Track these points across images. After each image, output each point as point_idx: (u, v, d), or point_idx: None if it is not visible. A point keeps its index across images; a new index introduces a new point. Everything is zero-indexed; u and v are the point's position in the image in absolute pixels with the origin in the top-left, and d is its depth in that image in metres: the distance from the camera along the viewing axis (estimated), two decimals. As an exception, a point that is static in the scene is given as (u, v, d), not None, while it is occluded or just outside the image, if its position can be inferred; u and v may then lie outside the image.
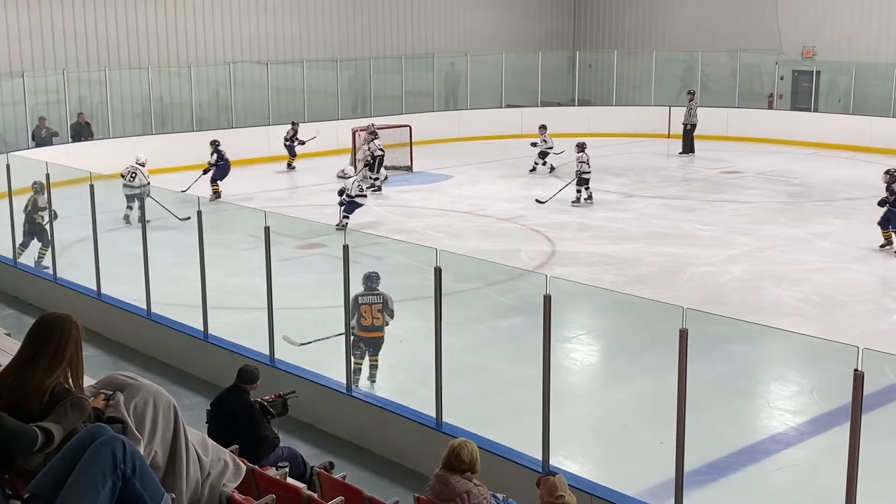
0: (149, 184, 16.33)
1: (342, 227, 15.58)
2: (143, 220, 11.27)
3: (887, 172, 15.25)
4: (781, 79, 28.57)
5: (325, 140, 24.85)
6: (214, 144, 19.39)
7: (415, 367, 10.04)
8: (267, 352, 9.42)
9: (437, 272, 7.65)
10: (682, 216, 17.72)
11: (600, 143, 24.73)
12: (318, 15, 27.53)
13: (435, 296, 7.73)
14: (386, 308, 9.59)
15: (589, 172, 18.62)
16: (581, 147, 18.86)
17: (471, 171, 22.58)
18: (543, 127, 22.41)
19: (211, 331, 10.23)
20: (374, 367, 9.64)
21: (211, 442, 4.42)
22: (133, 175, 16.97)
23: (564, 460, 7.72)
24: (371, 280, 9.59)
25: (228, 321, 11.10)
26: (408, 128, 23.21)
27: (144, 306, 11.03)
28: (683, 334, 6.12)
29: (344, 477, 6.16)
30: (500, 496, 5.87)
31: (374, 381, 9.56)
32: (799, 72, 28.41)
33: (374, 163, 20.39)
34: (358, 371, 9.36)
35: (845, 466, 5.44)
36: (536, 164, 22.27)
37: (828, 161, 24.01)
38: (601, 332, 12.16)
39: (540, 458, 7.17)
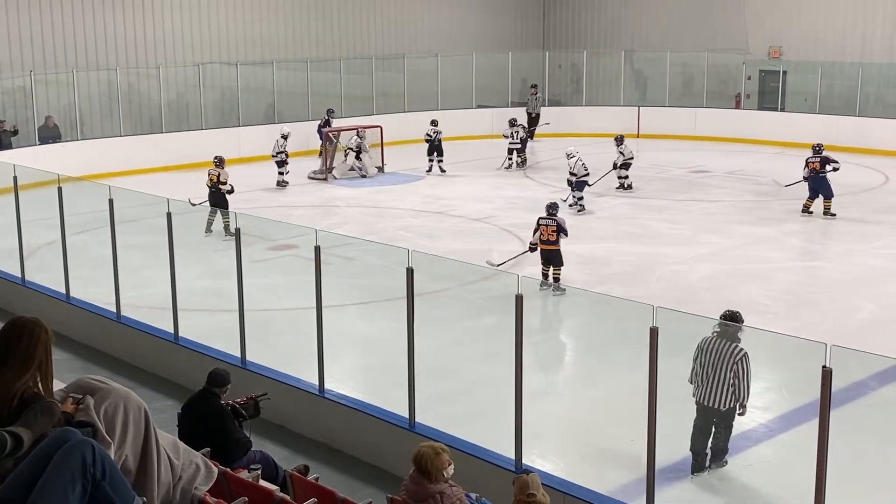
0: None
1: (580, 208, 16.47)
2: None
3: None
4: (749, 79, 28.82)
5: (296, 141, 24.78)
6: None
7: (387, 367, 10.04)
8: (238, 354, 9.38)
9: (410, 273, 7.65)
10: (653, 215, 17.82)
11: (570, 143, 24.81)
12: (288, 15, 27.44)
13: (407, 296, 7.73)
14: (560, 229, 12.74)
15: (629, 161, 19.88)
16: (620, 140, 20.08)
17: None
18: (513, 121, 22.72)
19: (182, 333, 10.17)
20: (556, 278, 12.63)
21: (182, 445, 4.39)
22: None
23: (537, 459, 7.75)
24: (551, 208, 13.09)
25: (199, 323, 11.04)
26: (379, 128, 23.18)
27: (114, 309, 10.95)
28: (654, 332, 6.17)
29: (317, 478, 6.15)
30: (473, 496, 5.88)
31: (558, 293, 12.51)
32: (766, 72, 28.67)
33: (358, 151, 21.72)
34: (545, 276, 12.60)
35: (814, 462, 5.49)
36: (510, 160, 22.55)
37: (795, 160, 24.17)
38: (573, 331, 12.21)
39: (513, 457, 7.19)
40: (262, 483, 5.84)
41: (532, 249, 13.09)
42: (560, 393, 10.28)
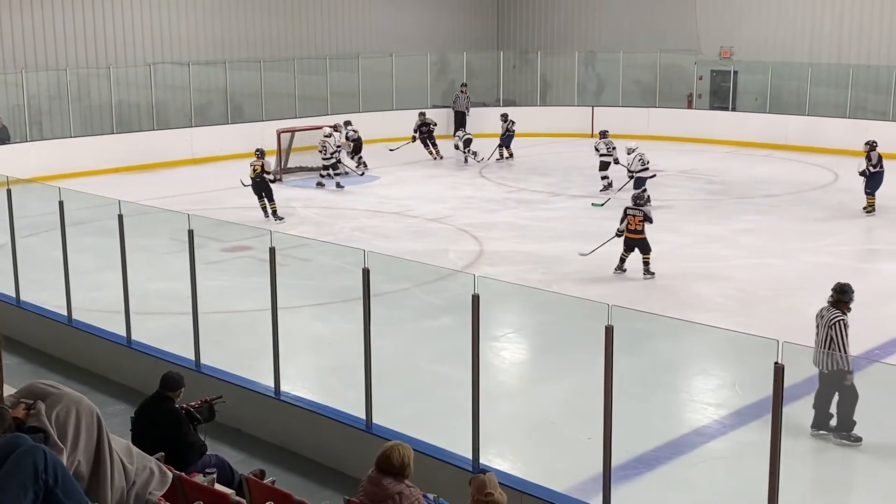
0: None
1: (646, 200, 15.88)
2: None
3: (867, 143, 17.62)
4: (700, 79, 29.14)
5: (250, 141, 24.62)
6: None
7: (344, 369, 10.01)
8: (192, 357, 9.29)
9: (366, 273, 7.63)
10: (607, 214, 17.92)
11: (525, 143, 24.95)
12: (241, 15, 27.21)
13: (363, 297, 7.71)
14: (646, 218, 13.57)
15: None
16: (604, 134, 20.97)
17: (398, 172, 22.56)
18: (504, 115, 23.81)
19: (134, 337, 10.06)
20: (646, 263, 13.51)
21: (136, 450, 4.34)
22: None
23: (495, 458, 7.77)
24: (637, 199, 13.99)
25: (152, 326, 10.93)
26: (336, 126, 23.06)
27: (65, 313, 10.79)
28: (609, 331, 6.21)
29: (273, 482, 6.11)
30: (431, 496, 5.88)
31: (649, 276, 13.48)
32: (717, 72, 29.00)
33: (352, 147, 21.92)
34: (622, 262, 13.63)
35: (768, 457, 5.56)
36: (466, 157, 22.80)
37: (746, 159, 24.57)
38: (529, 330, 12.26)
39: (470, 457, 7.20)
40: (218, 487, 5.80)
41: (619, 235, 13.95)
42: (517, 392, 10.32)
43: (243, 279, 13.65)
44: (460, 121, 26.86)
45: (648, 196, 16.83)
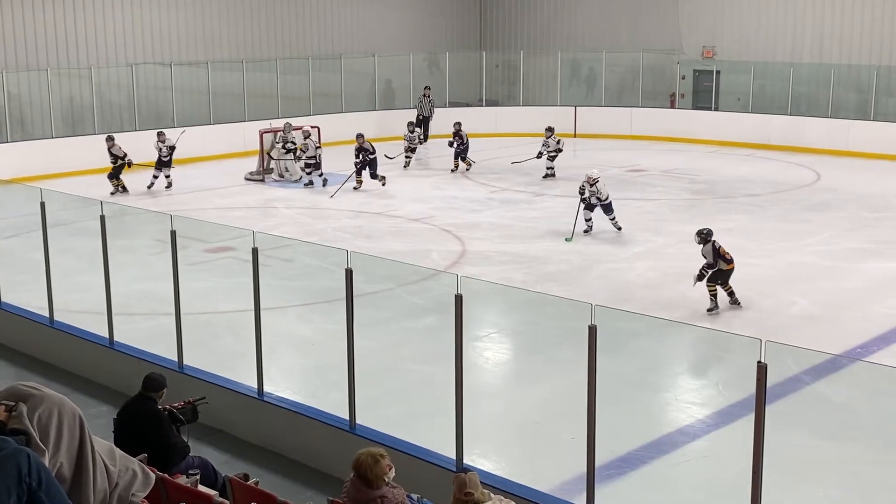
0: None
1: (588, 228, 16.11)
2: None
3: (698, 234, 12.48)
4: (683, 78, 29.26)
5: (232, 142, 24.57)
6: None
7: (327, 369, 10.00)
8: (175, 358, 9.26)
9: (349, 274, 7.62)
10: (589, 214, 17.95)
11: (508, 144, 25.00)
12: (223, 15, 27.13)
13: (346, 298, 7.70)
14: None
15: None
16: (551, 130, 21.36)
17: (381, 172, 22.52)
18: (458, 124, 22.73)
19: (117, 338, 10.01)
20: (731, 293, 12.16)
21: (118, 451, 4.32)
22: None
23: (478, 458, 7.77)
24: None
25: (135, 328, 10.89)
26: (317, 129, 23.04)
27: (47, 314, 10.73)
28: (593, 331, 6.22)
29: (257, 483, 6.09)
30: (415, 496, 5.88)
31: (737, 304, 12.18)
32: (700, 71, 29.12)
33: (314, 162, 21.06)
34: (715, 294, 12.07)
35: (751, 456, 5.59)
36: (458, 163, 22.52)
37: (729, 159, 24.68)
38: (512, 330, 12.27)
39: (454, 456, 7.20)
40: (201, 488, 5.78)
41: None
42: (500, 392, 10.32)
43: (226, 280, 13.61)
44: (425, 126, 26.47)
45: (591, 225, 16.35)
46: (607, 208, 16.18)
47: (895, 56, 25.54)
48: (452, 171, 22.49)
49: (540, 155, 21.62)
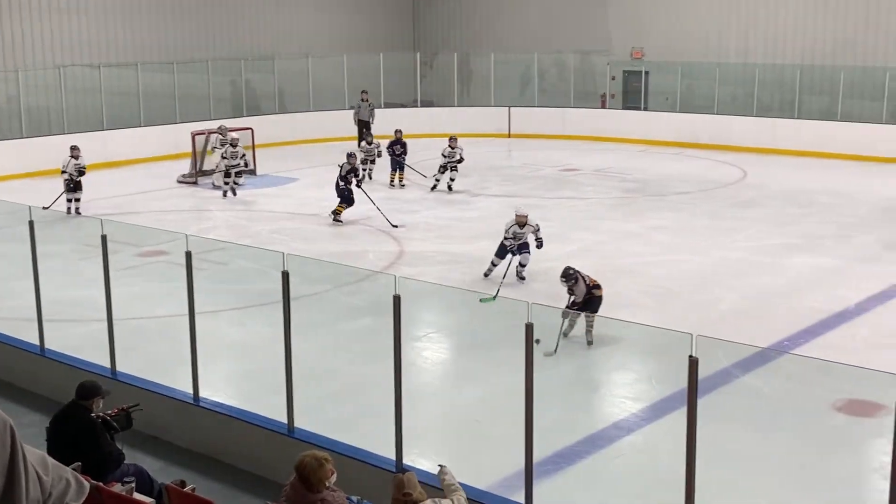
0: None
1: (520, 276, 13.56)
2: None
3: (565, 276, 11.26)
4: (613, 79, 29.64)
5: (164, 144, 24.25)
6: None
7: (264, 373, 9.92)
8: (108, 364, 9.12)
9: (285, 276, 7.59)
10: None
11: (445, 144, 25.01)
12: (153, 17, 26.74)
13: (283, 300, 7.66)
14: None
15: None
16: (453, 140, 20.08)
17: (317, 174, 22.44)
18: (399, 131, 21.64)
19: (48, 345, 9.82)
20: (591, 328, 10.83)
21: (51, 460, 4.25)
22: None
23: (419, 458, 7.78)
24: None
25: (67, 334, 10.69)
26: (249, 130, 22.88)
27: (-26, 322, 10.49)
28: (529, 329, 6.28)
29: (194, 489, 6.05)
30: (355, 499, 5.88)
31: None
32: (629, 72, 29.53)
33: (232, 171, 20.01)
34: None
35: (684, 449, 5.69)
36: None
37: (659, 157, 25.08)
38: (451, 329, 12.32)
39: (394, 457, 7.22)
40: (137, 496, 5.72)
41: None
42: (439, 391, 10.37)
43: (159, 284, 13.44)
44: (364, 130, 25.49)
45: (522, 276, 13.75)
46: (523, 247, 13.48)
47: (817, 55, 26.19)
48: (399, 186, 20.90)
49: (442, 169, 20.18)
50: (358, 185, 17.82)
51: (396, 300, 6.91)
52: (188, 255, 8.31)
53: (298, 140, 26.90)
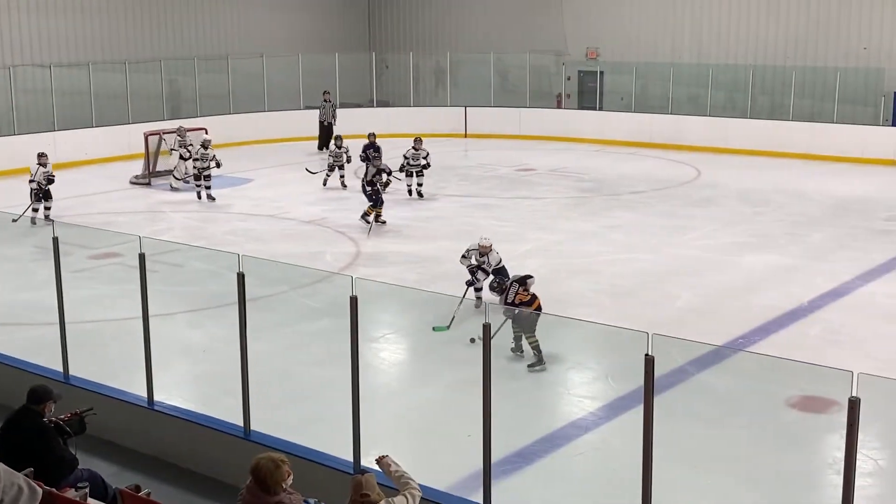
0: None
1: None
2: None
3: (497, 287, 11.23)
4: (568, 79, 29.82)
5: (116, 145, 23.96)
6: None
7: (220, 375, 9.84)
8: (60, 368, 8.99)
9: (240, 277, 7.52)
10: (482, 213, 18.17)
11: (400, 144, 24.98)
12: (104, 15, 26.41)
13: (239, 302, 7.59)
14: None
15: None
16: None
17: (272, 174, 22.31)
18: (371, 134, 20.96)
19: (-1, 349, 9.66)
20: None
21: (2, 466, 4.19)
22: None
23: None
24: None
25: (18, 338, 10.53)
26: (203, 130, 22.65)
27: (-79, 327, 10.29)
28: (486, 328, 6.29)
29: (149, 494, 5.97)
30: (312, 501, 5.84)
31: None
32: (584, 72, 29.72)
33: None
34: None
35: (640, 447, 5.73)
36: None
37: (614, 157, 25.27)
38: (407, 330, 12.30)
39: (352, 459, 7.19)
40: (91, 501, 5.64)
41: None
42: (397, 392, 10.34)
43: (112, 287, 13.27)
44: (327, 133, 25.34)
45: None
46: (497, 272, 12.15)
47: (769, 56, 26.55)
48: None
49: (403, 169, 19.50)
50: (387, 184, 17.65)
51: (353, 301, 6.88)
52: (142, 257, 8.21)
53: (253, 140, 26.72)
